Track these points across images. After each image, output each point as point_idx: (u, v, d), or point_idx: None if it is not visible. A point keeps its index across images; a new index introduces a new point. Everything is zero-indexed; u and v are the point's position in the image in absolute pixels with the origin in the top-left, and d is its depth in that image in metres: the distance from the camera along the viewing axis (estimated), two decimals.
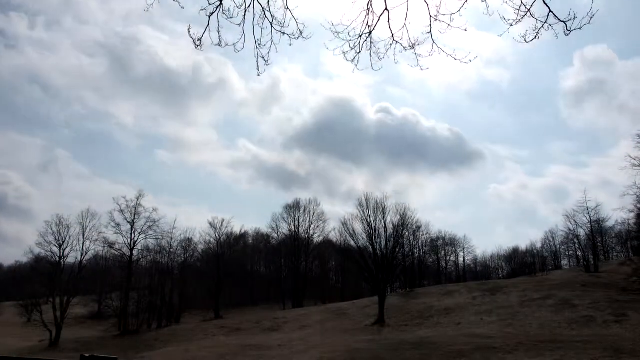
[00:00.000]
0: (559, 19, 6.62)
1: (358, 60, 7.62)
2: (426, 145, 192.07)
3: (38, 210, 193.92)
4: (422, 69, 7.75)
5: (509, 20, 6.73)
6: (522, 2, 6.60)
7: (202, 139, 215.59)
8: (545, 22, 6.64)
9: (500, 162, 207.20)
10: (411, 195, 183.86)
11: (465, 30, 6.96)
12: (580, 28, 6.54)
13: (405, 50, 7.42)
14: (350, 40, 7.46)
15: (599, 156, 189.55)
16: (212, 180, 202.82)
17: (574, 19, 6.51)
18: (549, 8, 6.52)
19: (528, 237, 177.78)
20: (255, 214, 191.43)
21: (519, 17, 6.64)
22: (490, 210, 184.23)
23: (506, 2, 6.60)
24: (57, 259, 65.57)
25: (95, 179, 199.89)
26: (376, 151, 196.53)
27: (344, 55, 7.51)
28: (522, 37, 6.91)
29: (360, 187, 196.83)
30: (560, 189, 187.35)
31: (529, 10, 6.59)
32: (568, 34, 6.59)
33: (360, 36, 7.45)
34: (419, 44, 7.35)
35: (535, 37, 6.75)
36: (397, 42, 7.42)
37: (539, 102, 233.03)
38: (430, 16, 7.10)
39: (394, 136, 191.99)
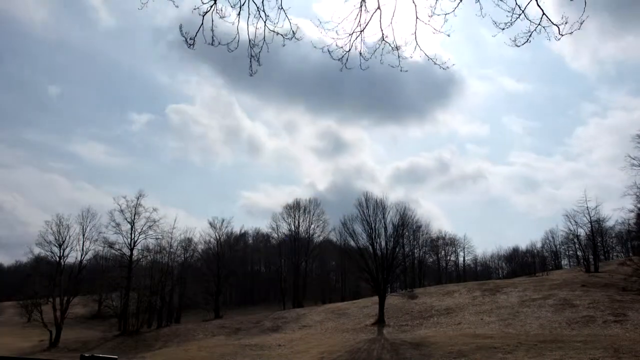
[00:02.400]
0: (552, 22, 6.57)
1: (347, 59, 7.51)
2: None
3: None
4: (402, 70, 7.63)
5: (499, 24, 6.66)
6: (516, 3, 6.55)
7: None
8: (538, 25, 6.58)
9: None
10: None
11: (449, 35, 6.86)
12: (571, 33, 6.50)
13: (393, 50, 7.34)
14: (339, 38, 7.35)
15: None
16: None
17: (566, 23, 6.47)
18: (543, 11, 6.47)
19: (505, 232, 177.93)
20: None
21: (511, 20, 6.58)
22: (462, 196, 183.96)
23: (498, 4, 6.55)
24: (57, 259, 65.61)
25: None
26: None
27: (330, 54, 7.39)
28: (512, 40, 6.81)
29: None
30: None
31: (523, 11, 6.54)
32: (559, 39, 6.56)
33: (351, 34, 7.32)
34: (406, 45, 7.27)
35: (527, 40, 6.70)
36: (386, 42, 7.34)
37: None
38: (417, 18, 7.02)
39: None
